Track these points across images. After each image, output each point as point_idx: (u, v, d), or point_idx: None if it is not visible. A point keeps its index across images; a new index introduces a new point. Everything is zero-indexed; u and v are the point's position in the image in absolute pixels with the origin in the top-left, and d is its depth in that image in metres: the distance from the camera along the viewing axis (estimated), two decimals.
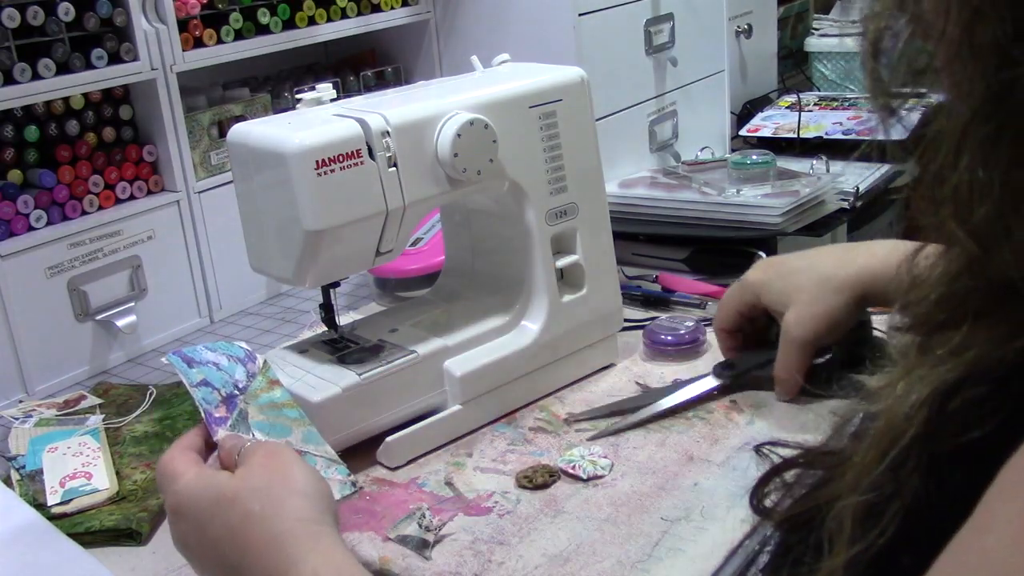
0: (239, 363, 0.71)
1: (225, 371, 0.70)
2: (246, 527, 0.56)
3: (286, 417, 0.70)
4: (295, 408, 0.72)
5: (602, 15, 1.37)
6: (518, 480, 0.79)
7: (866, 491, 0.37)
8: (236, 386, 0.70)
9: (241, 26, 1.22)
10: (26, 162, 1.09)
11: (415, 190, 0.83)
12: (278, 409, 0.71)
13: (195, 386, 0.68)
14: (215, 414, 0.67)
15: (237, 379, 0.70)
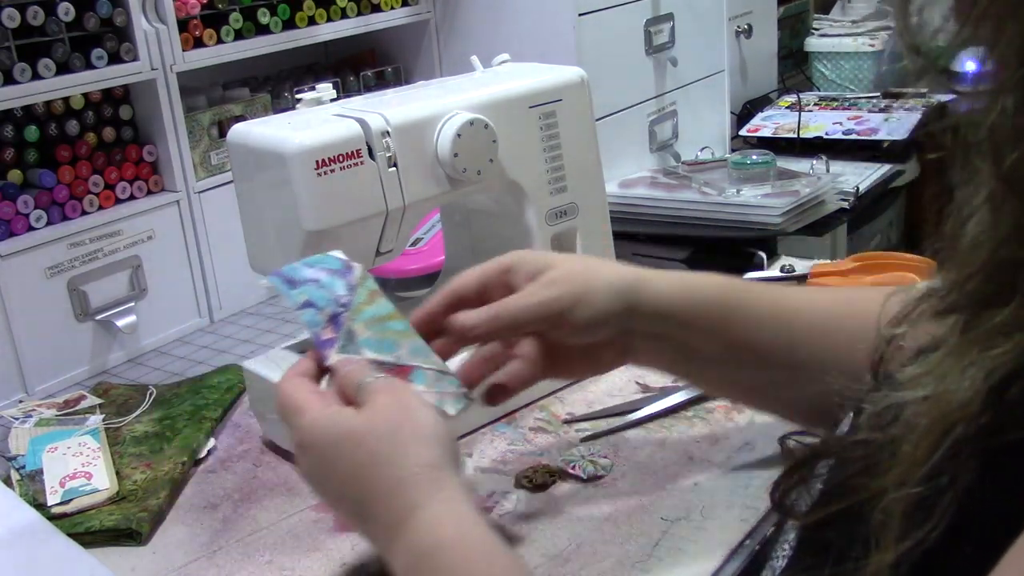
0: (338, 276, 0.69)
1: (326, 287, 0.68)
2: (372, 468, 0.56)
3: (392, 331, 0.68)
4: (400, 319, 0.68)
5: (602, 15, 1.37)
6: (518, 480, 0.79)
7: (917, 484, 0.35)
8: (339, 303, 0.67)
9: (241, 26, 1.22)
10: (26, 162, 1.09)
11: (415, 190, 0.83)
12: (383, 323, 0.68)
13: (299, 308, 0.66)
14: (323, 336, 0.65)
15: (339, 295, 0.68)
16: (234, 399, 0.98)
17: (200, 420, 0.92)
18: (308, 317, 0.66)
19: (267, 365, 0.87)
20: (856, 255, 1.16)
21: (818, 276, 1.12)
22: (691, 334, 0.69)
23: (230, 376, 1.02)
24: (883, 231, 1.84)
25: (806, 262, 1.18)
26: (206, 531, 0.77)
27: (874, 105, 1.86)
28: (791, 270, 1.15)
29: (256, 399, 0.88)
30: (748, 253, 1.19)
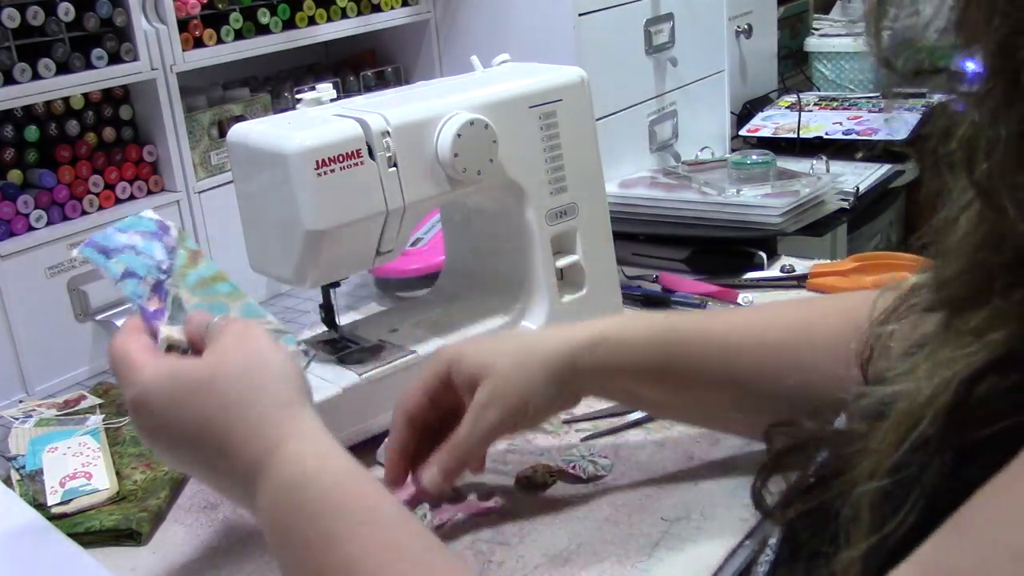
0: (155, 239, 0.66)
1: (144, 253, 0.65)
2: (225, 414, 0.55)
3: (220, 293, 0.66)
4: (226, 280, 0.68)
5: (602, 15, 1.37)
6: (518, 480, 0.79)
7: (885, 476, 0.36)
8: (160, 268, 0.65)
9: (241, 26, 1.22)
10: (26, 162, 1.09)
11: (415, 190, 0.83)
12: (210, 285, 0.67)
13: (120, 280, 0.63)
14: (149, 308, 0.63)
15: (159, 260, 0.65)
16: None
17: None
18: (130, 288, 0.63)
19: None
20: (856, 255, 1.16)
21: (818, 276, 1.12)
22: (634, 385, 0.72)
23: None
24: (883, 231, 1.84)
25: (806, 262, 1.18)
26: (206, 531, 0.77)
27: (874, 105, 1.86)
28: (791, 270, 1.15)
29: None
30: (748, 253, 1.19)
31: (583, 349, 0.70)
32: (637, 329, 0.71)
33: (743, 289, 1.11)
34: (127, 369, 0.59)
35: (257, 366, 0.57)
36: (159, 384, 0.57)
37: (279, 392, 0.56)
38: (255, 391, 0.56)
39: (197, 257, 0.68)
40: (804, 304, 0.78)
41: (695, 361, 0.69)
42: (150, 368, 0.58)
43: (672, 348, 0.70)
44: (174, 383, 0.57)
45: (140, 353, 0.60)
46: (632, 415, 0.87)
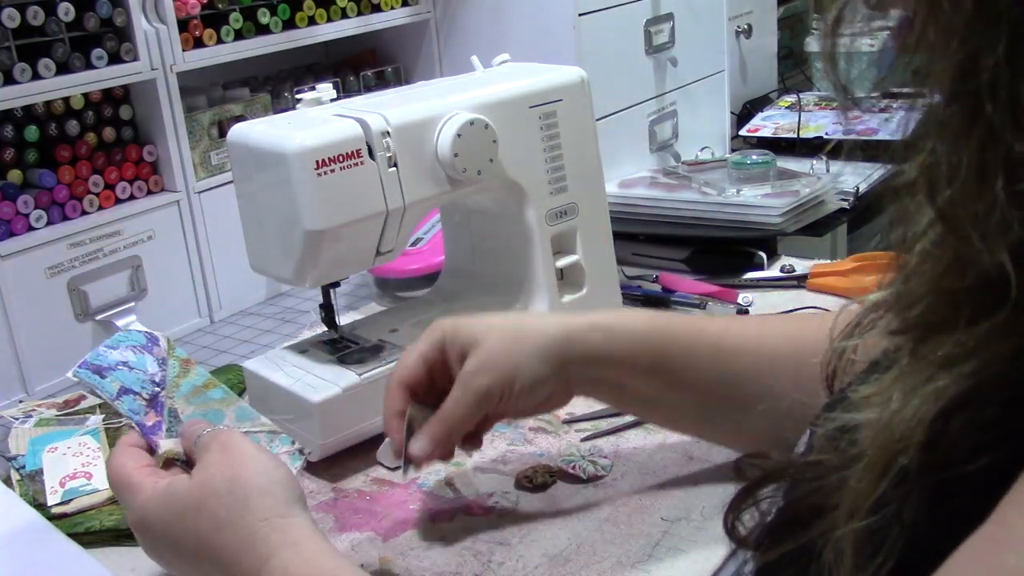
0: (145, 351, 0.68)
1: (137, 368, 0.67)
2: (216, 534, 0.57)
3: (213, 400, 0.68)
4: (218, 386, 0.69)
5: (602, 15, 1.37)
6: (518, 480, 0.79)
7: (865, 516, 0.35)
8: (154, 381, 0.67)
9: (241, 26, 1.22)
10: (26, 162, 1.09)
11: (415, 190, 0.83)
12: (203, 393, 0.68)
13: (116, 399, 0.65)
14: (147, 423, 0.64)
15: (152, 373, 0.67)
16: None
17: None
18: (127, 406, 0.65)
19: (267, 365, 0.87)
20: (856, 255, 1.16)
21: (818, 276, 1.12)
22: (626, 377, 0.70)
23: (230, 376, 1.02)
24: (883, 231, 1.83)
25: (806, 262, 1.18)
26: None
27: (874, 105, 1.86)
28: (791, 270, 1.15)
29: (256, 399, 0.88)
30: (748, 253, 1.19)
31: (578, 332, 0.69)
32: (634, 321, 0.71)
33: (743, 289, 1.11)
34: (125, 491, 0.61)
35: (243, 482, 0.58)
36: (155, 507, 0.59)
37: (266, 505, 0.57)
38: (242, 508, 0.57)
39: (188, 365, 0.69)
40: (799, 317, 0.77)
41: (688, 359, 0.69)
42: (146, 491, 0.60)
43: (666, 343, 0.69)
44: (168, 506, 0.59)
45: (137, 474, 0.61)
46: None
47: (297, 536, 0.56)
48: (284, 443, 0.68)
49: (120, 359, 0.67)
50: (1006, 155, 0.31)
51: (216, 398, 0.69)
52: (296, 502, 0.59)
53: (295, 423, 0.83)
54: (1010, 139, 0.31)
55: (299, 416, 0.82)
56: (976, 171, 0.32)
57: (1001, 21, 0.30)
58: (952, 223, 0.33)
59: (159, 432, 0.65)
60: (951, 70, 0.32)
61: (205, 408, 0.68)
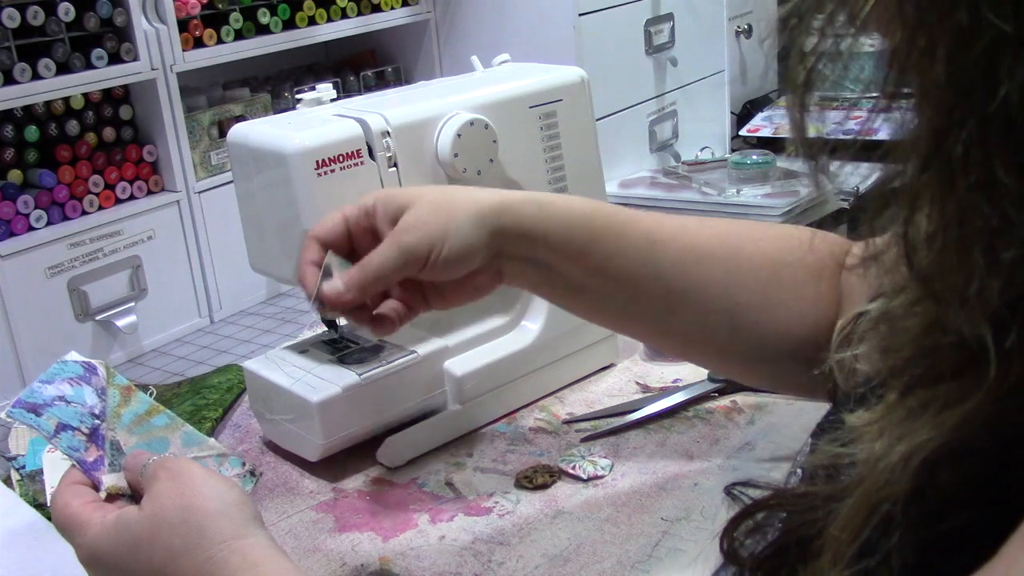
0: (83, 383, 0.65)
1: (75, 402, 0.64)
2: (172, 564, 0.55)
3: (157, 428, 0.66)
4: (161, 412, 0.67)
5: (602, 15, 1.37)
6: (518, 480, 0.79)
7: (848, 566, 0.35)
8: (93, 414, 0.64)
9: (241, 26, 1.22)
10: (26, 162, 1.09)
11: None
12: (146, 422, 0.66)
13: (54, 437, 0.62)
14: (88, 460, 0.62)
15: (91, 405, 0.64)
16: (234, 399, 0.98)
17: (200, 420, 0.92)
18: (66, 443, 0.62)
19: (267, 365, 0.87)
20: None
21: None
22: (556, 258, 0.67)
23: (230, 376, 1.02)
24: None
25: None
26: None
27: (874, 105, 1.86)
28: None
29: (256, 399, 0.88)
30: None
31: (512, 203, 0.67)
32: (570, 201, 0.68)
33: None
34: (73, 529, 0.59)
35: (195, 508, 0.56)
36: (106, 541, 0.57)
37: (222, 529, 0.55)
38: (197, 535, 0.55)
39: (129, 393, 0.67)
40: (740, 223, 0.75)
41: (618, 245, 0.66)
42: (95, 526, 0.58)
43: (598, 227, 0.67)
44: (119, 539, 0.57)
45: (83, 510, 0.59)
46: (632, 415, 0.87)
47: (257, 557, 0.55)
48: (234, 465, 0.67)
49: (56, 394, 0.64)
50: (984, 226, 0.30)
51: (160, 425, 0.66)
52: (253, 522, 0.57)
53: (295, 423, 0.83)
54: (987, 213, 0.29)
55: (299, 416, 0.82)
56: (955, 241, 0.31)
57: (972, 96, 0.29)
58: (931, 290, 0.32)
59: (101, 467, 0.62)
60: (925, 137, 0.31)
61: (149, 437, 0.65)
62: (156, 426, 0.66)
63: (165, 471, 0.58)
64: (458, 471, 0.82)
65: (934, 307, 0.33)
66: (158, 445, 0.65)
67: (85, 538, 0.58)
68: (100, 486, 0.61)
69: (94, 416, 0.64)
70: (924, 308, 0.34)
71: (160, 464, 0.59)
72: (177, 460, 0.60)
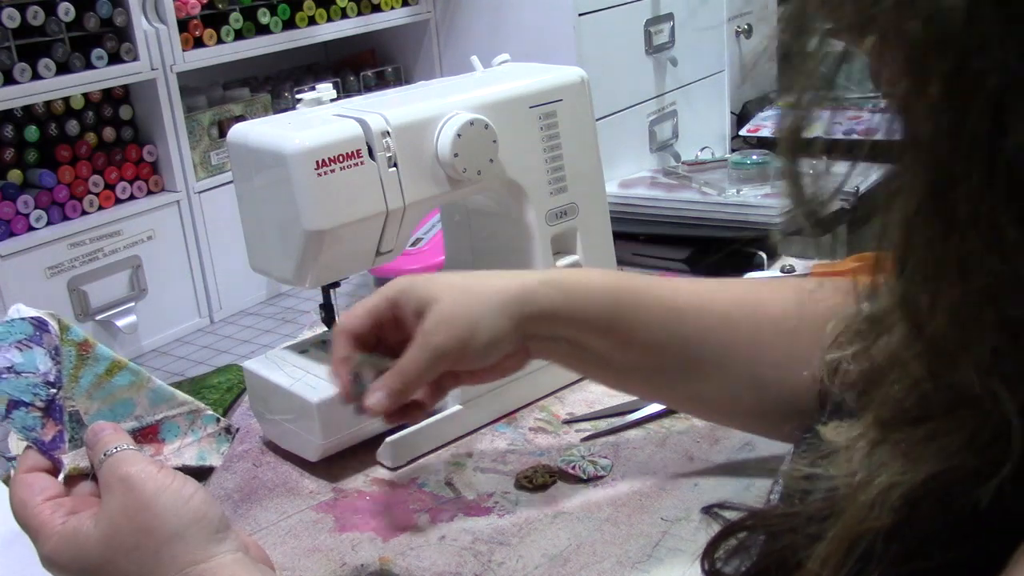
0: (34, 345, 0.58)
1: (25, 371, 0.57)
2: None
3: (120, 388, 0.60)
4: (124, 369, 0.60)
5: (602, 15, 1.37)
6: (518, 480, 0.79)
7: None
8: (48, 382, 0.58)
9: (241, 26, 1.22)
10: (26, 162, 1.09)
11: (415, 190, 0.83)
12: (107, 383, 0.59)
13: (5, 419, 0.56)
14: (45, 439, 0.56)
15: (43, 372, 0.58)
16: (234, 399, 0.98)
17: None
18: (19, 422, 0.56)
19: (267, 365, 0.87)
20: (856, 255, 1.15)
21: (818, 276, 1.12)
22: (581, 335, 0.68)
23: (230, 376, 1.02)
24: None
25: (806, 262, 1.18)
26: None
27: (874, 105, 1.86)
28: (791, 270, 1.15)
29: (256, 399, 0.88)
30: (748, 253, 1.19)
31: (534, 289, 0.68)
32: (588, 277, 0.70)
33: None
34: (31, 533, 0.57)
35: (149, 532, 0.53)
36: (65, 558, 0.55)
37: (180, 554, 0.53)
38: (152, 562, 0.53)
39: (87, 349, 0.59)
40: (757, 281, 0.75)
41: (641, 316, 0.67)
42: (53, 537, 0.55)
43: (620, 300, 0.68)
44: (75, 558, 0.55)
45: (39, 514, 0.56)
46: (632, 415, 0.87)
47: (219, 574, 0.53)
48: (208, 422, 0.62)
49: (4, 364, 0.57)
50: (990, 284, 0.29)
51: (123, 384, 0.60)
52: (213, 537, 0.54)
53: (295, 423, 0.83)
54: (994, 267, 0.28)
55: (299, 416, 0.82)
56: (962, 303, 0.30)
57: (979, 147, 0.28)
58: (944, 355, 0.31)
59: (61, 445, 0.57)
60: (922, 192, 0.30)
61: (112, 401, 0.59)
62: (119, 386, 0.60)
63: (118, 480, 0.55)
64: (458, 471, 0.82)
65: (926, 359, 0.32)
66: (122, 407, 0.59)
67: (43, 548, 0.56)
68: (60, 467, 0.57)
69: (48, 385, 0.58)
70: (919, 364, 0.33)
71: (112, 468, 0.56)
72: (130, 463, 0.56)
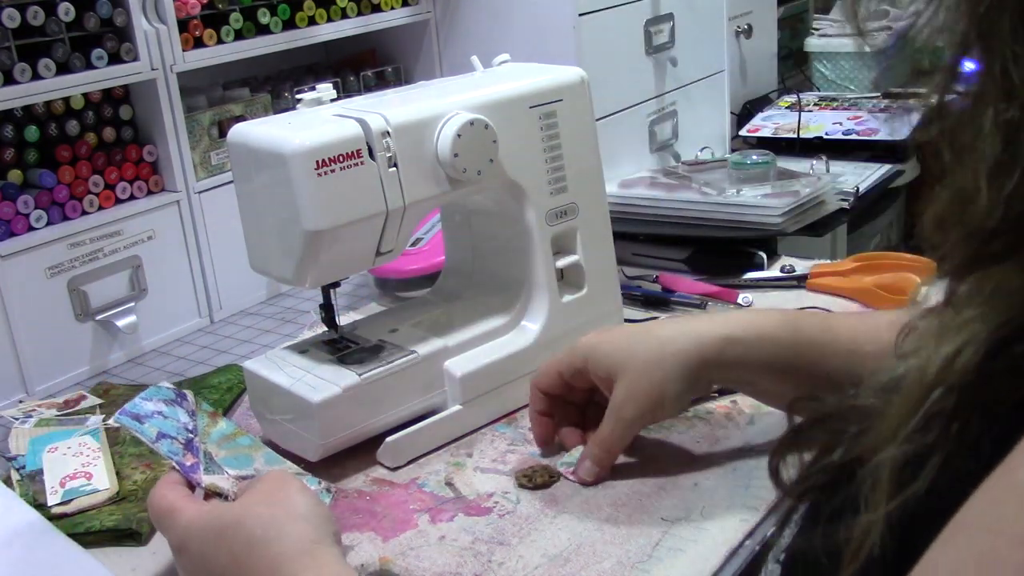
0: (176, 405, 0.73)
1: (171, 417, 0.71)
2: (248, 552, 0.58)
3: (243, 446, 0.73)
4: (245, 435, 0.74)
5: (602, 15, 1.37)
6: (518, 480, 0.79)
7: (903, 443, 0.36)
8: (187, 429, 0.71)
9: (241, 26, 1.22)
10: (26, 162, 1.09)
11: (415, 190, 0.83)
12: (232, 440, 0.73)
13: (155, 442, 0.68)
14: (186, 463, 0.68)
15: (184, 422, 0.71)
16: (234, 399, 0.98)
17: None
18: (167, 447, 0.68)
19: (267, 365, 0.87)
20: (856, 255, 1.16)
21: (818, 276, 1.12)
22: (762, 379, 0.74)
23: (230, 376, 1.02)
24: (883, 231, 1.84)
25: (806, 262, 1.18)
26: None
27: (874, 105, 1.86)
28: (791, 270, 1.15)
29: (256, 399, 0.88)
30: (748, 253, 1.19)
31: (714, 347, 0.73)
32: (766, 328, 0.73)
33: (743, 289, 1.11)
34: (168, 515, 0.63)
35: (282, 507, 0.60)
36: (197, 527, 0.61)
37: (301, 533, 0.59)
38: (277, 530, 0.58)
39: (215, 417, 0.74)
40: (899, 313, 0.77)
41: (823, 361, 0.71)
42: (190, 512, 0.62)
43: (800, 348, 0.72)
44: (209, 526, 0.61)
45: (179, 500, 0.64)
46: None
47: (322, 563, 0.57)
48: (311, 483, 0.72)
49: (155, 409, 0.71)
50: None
51: (245, 445, 0.73)
52: (330, 536, 0.60)
53: (295, 423, 0.83)
54: None
55: (299, 416, 0.82)
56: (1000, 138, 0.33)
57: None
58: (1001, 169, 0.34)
59: (198, 471, 0.68)
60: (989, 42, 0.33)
61: (236, 452, 0.72)
62: (242, 445, 0.73)
63: (271, 476, 0.64)
64: (458, 471, 0.82)
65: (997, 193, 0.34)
66: (243, 460, 0.71)
67: (179, 522, 0.62)
68: (199, 485, 0.67)
69: (188, 431, 0.71)
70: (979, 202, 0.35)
71: (266, 474, 0.66)
72: (278, 471, 0.66)
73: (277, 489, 0.62)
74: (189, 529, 0.61)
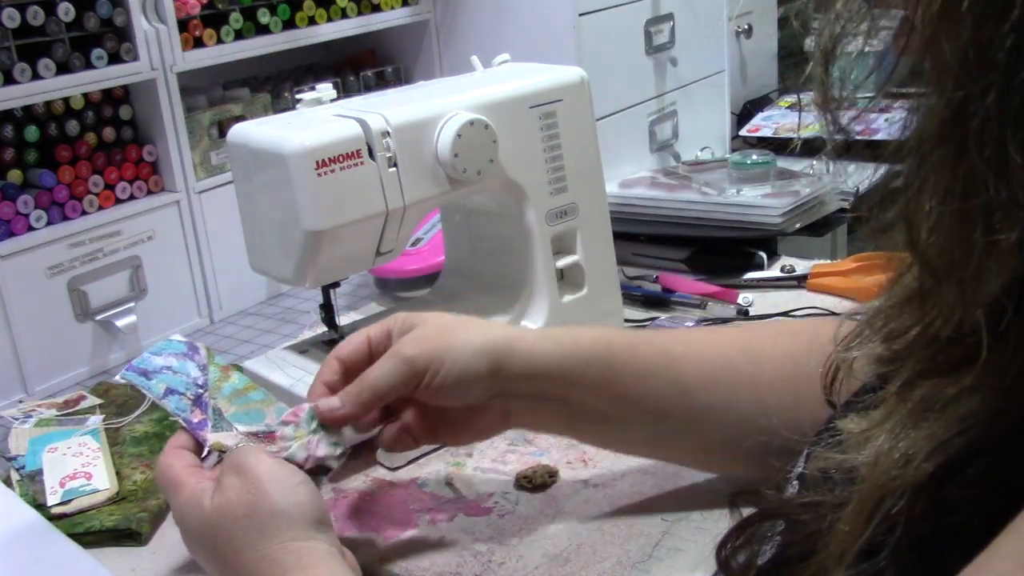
0: (187, 359, 0.71)
1: (180, 372, 0.70)
2: (232, 553, 0.58)
3: (255, 401, 0.71)
4: (257, 389, 0.72)
5: (602, 15, 1.37)
6: (518, 480, 0.79)
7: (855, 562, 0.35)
8: (197, 384, 0.70)
9: (241, 26, 1.22)
10: (26, 162, 1.09)
11: (415, 190, 0.83)
12: (244, 395, 0.71)
13: (163, 398, 0.68)
14: (193, 420, 0.67)
15: (194, 377, 0.70)
16: None
17: None
18: (174, 404, 0.68)
19: (267, 365, 0.87)
20: (856, 255, 1.16)
21: (818, 276, 1.12)
22: (572, 392, 0.67)
23: None
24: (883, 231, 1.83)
25: (806, 262, 1.18)
26: None
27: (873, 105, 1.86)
28: (791, 270, 1.15)
29: None
30: (748, 253, 1.19)
31: (523, 340, 0.67)
32: (580, 332, 0.69)
33: (743, 289, 1.11)
34: (170, 487, 0.63)
35: (257, 506, 0.59)
36: (191, 513, 0.61)
37: (281, 529, 0.58)
38: (258, 532, 0.58)
39: (228, 371, 0.72)
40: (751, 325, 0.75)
41: (638, 369, 0.66)
42: (186, 491, 0.62)
43: (614, 354, 0.66)
44: (197, 517, 0.61)
45: (182, 472, 0.63)
46: None
47: (310, 560, 0.57)
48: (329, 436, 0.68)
49: (164, 364, 0.70)
50: (987, 204, 0.30)
51: (256, 399, 0.71)
52: (314, 524, 0.59)
53: None
54: (993, 188, 0.30)
55: None
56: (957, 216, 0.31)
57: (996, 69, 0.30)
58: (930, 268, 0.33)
59: (205, 428, 0.67)
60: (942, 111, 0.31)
61: (247, 408, 0.70)
62: (253, 400, 0.70)
63: (235, 465, 0.61)
64: (458, 471, 0.82)
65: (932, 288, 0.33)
66: (255, 416, 0.69)
67: (178, 499, 0.62)
68: (204, 444, 0.66)
69: (197, 386, 0.70)
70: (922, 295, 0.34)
71: (232, 457, 0.62)
72: (247, 454, 0.62)
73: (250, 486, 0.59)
74: (184, 511, 0.62)
